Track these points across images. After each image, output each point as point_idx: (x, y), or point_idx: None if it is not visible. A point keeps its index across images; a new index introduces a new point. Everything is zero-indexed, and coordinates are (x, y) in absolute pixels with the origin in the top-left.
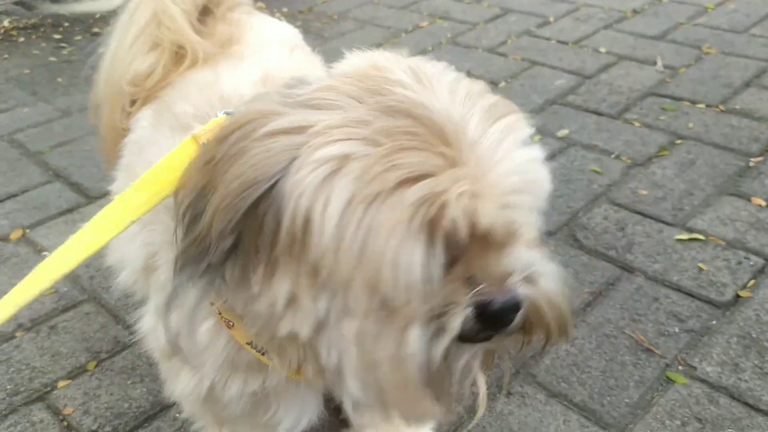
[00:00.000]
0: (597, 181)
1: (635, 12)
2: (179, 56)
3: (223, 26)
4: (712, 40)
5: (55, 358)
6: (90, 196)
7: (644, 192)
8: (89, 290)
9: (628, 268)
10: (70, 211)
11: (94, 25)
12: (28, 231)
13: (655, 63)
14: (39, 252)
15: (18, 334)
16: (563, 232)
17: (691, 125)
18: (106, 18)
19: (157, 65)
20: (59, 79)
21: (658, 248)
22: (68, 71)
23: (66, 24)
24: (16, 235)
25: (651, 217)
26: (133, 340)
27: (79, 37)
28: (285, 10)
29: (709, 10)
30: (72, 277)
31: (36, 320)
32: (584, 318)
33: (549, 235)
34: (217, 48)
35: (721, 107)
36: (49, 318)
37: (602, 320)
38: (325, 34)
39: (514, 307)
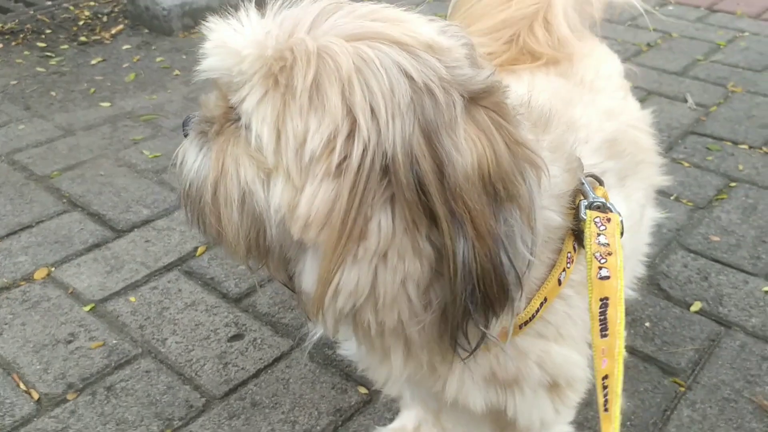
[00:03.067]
0: (665, 225)
1: (650, 46)
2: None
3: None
4: (735, 78)
5: (122, 427)
6: (116, 230)
7: (716, 238)
8: (141, 342)
9: (725, 323)
10: (97, 246)
11: (79, 34)
12: (53, 269)
13: (685, 100)
14: (72, 295)
15: (69, 396)
16: (645, 280)
17: (741, 167)
18: (91, 26)
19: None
20: (53, 93)
21: (750, 301)
22: (61, 84)
23: (48, 31)
24: (40, 274)
25: (731, 266)
26: (208, 403)
27: (65, 46)
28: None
29: (722, 47)
30: (118, 326)
31: (88, 380)
32: (697, 379)
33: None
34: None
35: (765, 149)
36: (103, 377)
37: (716, 382)
38: None
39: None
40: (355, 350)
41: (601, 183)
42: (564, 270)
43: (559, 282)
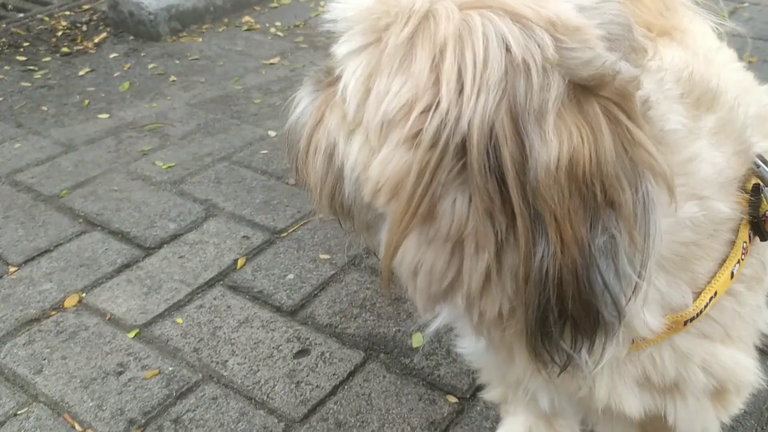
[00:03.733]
0: None
1: None
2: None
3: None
4: (748, 49)
5: None
6: (145, 247)
7: None
8: (200, 367)
9: None
10: (127, 266)
11: (60, 44)
12: (84, 295)
13: None
14: (111, 321)
15: None
16: None
17: None
18: (71, 36)
19: None
20: (44, 107)
21: None
22: (51, 98)
23: (26, 44)
24: (71, 301)
25: None
26: (288, 427)
27: (47, 58)
28: (278, 24)
29: (726, 18)
30: (170, 351)
31: (150, 413)
32: None
33: None
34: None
35: None
36: (166, 408)
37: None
38: None
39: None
40: (475, 348)
41: (766, 164)
42: (739, 262)
43: (732, 275)
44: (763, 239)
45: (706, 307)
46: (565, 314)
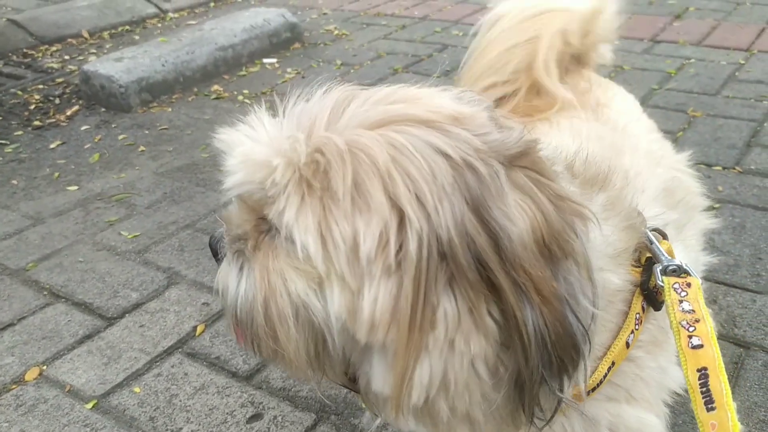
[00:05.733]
0: None
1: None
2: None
3: (577, 78)
4: (693, 104)
5: None
6: (107, 317)
7: (715, 260)
8: None
9: (743, 345)
10: (89, 337)
11: (32, 118)
12: (45, 368)
13: None
14: (70, 393)
15: None
16: None
17: (720, 188)
18: (44, 109)
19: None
20: (14, 181)
21: (762, 319)
22: (22, 171)
23: None
24: (32, 374)
25: (736, 287)
26: None
27: (19, 132)
28: (246, 91)
29: (673, 75)
30: (126, 421)
31: None
32: None
33: None
34: (576, 96)
35: (738, 168)
36: None
37: (750, 404)
38: None
39: (209, 246)
40: None
41: (664, 237)
42: (632, 332)
43: (627, 345)
44: (656, 309)
45: (605, 377)
46: (561, 361)
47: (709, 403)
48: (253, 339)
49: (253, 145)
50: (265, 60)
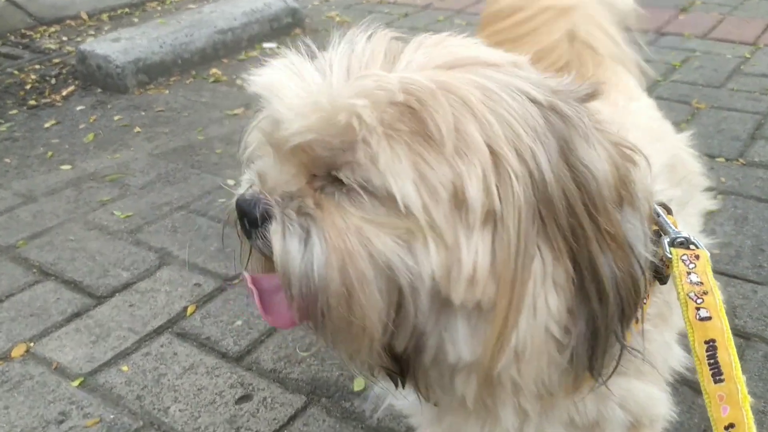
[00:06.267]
0: None
1: None
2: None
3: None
4: (697, 96)
5: None
6: (96, 296)
7: (716, 251)
8: (141, 414)
9: (743, 335)
10: (77, 315)
11: (28, 98)
12: (32, 345)
13: None
14: (57, 370)
15: None
16: None
17: (723, 180)
18: (39, 89)
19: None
20: (7, 160)
21: (763, 310)
22: (15, 150)
23: None
24: (19, 351)
25: (737, 277)
26: None
27: (14, 111)
28: (245, 76)
29: (678, 67)
30: (113, 399)
31: None
32: None
33: None
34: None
35: (741, 161)
36: None
37: (750, 396)
38: None
39: (240, 210)
40: (414, 404)
41: (669, 212)
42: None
43: (636, 320)
44: (662, 283)
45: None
46: (629, 308)
47: (717, 375)
48: (322, 312)
49: (319, 85)
50: (265, 44)
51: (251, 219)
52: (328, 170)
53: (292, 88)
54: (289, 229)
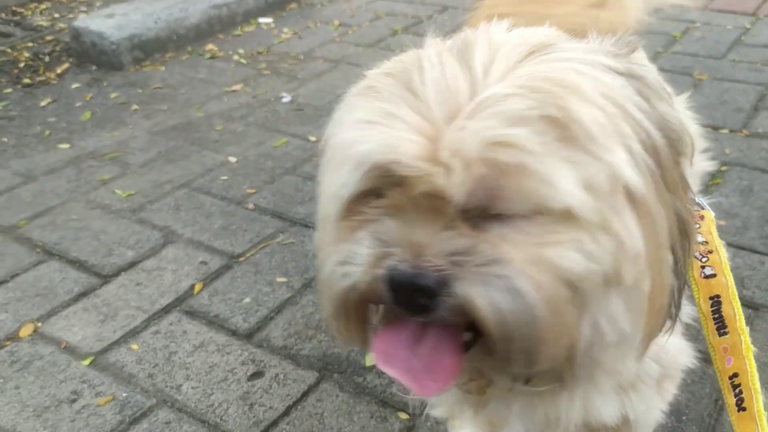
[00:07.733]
0: None
1: None
2: None
3: None
4: (699, 67)
5: None
6: (102, 275)
7: (722, 222)
8: (154, 392)
9: (752, 306)
10: (84, 294)
11: (22, 76)
12: (40, 325)
13: None
14: (66, 349)
15: None
16: None
17: (727, 151)
18: (33, 67)
19: None
20: (4, 139)
21: None
22: (12, 129)
23: None
24: (27, 331)
25: (744, 248)
26: None
27: (8, 90)
28: (241, 51)
29: (679, 38)
30: (124, 378)
31: None
32: None
33: None
34: None
35: (745, 132)
36: None
37: (759, 365)
38: (298, 76)
39: (408, 285)
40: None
41: None
42: None
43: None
44: None
45: None
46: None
47: (721, 328)
48: (520, 358)
49: (457, 130)
50: (261, 19)
51: (429, 291)
52: (481, 210)
53: (417, 141)
54: (477, 287)
